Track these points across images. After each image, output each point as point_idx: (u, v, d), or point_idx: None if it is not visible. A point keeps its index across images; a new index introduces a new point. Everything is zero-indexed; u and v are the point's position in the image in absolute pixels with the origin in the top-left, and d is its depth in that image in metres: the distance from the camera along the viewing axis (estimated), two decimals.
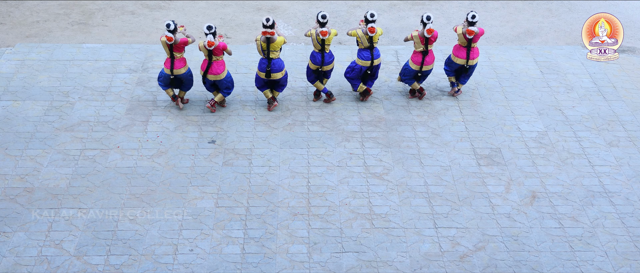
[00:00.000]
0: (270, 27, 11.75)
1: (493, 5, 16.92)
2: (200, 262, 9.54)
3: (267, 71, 12.08)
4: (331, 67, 12.48)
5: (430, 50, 12.48)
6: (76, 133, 11.90)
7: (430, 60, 12.54)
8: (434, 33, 12.21)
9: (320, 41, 12.12)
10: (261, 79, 12.34)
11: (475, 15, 12.18)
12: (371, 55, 12.32)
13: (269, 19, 11.72)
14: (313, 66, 12.44)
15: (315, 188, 10.86)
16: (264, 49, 11.91)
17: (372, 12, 12.07)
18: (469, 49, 12.46)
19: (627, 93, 13.35)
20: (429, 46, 12.38)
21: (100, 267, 9.43)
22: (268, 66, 12.03)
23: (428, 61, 12.53)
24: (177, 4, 16.66)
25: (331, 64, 12.42)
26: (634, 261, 9.72)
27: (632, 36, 15.56)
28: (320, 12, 12.04)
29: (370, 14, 12.04)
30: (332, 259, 9.64)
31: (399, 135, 12.05)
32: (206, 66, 12.05)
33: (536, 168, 11.35)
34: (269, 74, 12.13)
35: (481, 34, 12.39)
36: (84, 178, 10.92)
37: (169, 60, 12.02)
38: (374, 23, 12.09)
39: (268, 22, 11.71)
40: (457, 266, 9.59)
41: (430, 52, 12.51)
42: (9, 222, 10.08)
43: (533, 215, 10.45)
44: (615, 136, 12.14)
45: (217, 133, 12.02)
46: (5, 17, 15.90)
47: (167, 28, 11.73)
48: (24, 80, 13.30)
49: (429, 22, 12.11)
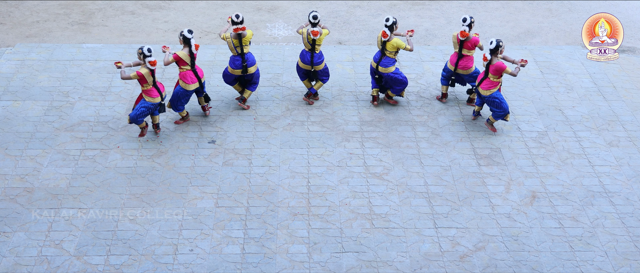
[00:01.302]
0: (240, 23, 11.79)
1: (493, 5, 16.92)
2: (200, 262, 9.54)
3: (244, 66, 12.09)
4: (321, 67, 12.43)
5: (466, 55, 12.20)
6: (76, 133, 11.90)
7: (463, 64, 12.25)
8: (471, 38, 11.98)
9: (311, 40, 12.11)
10: (233, 75, 12.31)
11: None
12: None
13: (238, 15, 11.76)
14: (302, 65, 12.42)
15: (315, 188, 10.86)
16: (237, 45, 11.93)
17: (315, 13, 12.02)
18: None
19: (627, 93, 13.35)
20: (464, 50, 12.16)
21: (100, 267, 9.43)
22: (243, 61, 12.06)
23: (460, 64, 12.27)
24: (177, 4, 16.66)
25: (321, 64, 12.38)
26: (634, 261, 9.72)
27: (632, 35, 15.56)
28: (312, 12, 12.03)
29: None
30: (332, 259, 9.64)
31: (399, 135, 12.05)
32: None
33: (536, 168, 11.35)
34: (246, 69, 12.14)
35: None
36: (84, 178, 10.92)
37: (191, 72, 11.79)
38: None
39: (238, 18, 11.75)
40: (457, 266, 9.59)
41: (465, 57, 12.24)
42: (9, 222, 10.08)
43: (533, 215, 10.45)
44: (615, 136, 12.14)
45: (217, 133, 12.02)
46: (5, 17, 15.90)
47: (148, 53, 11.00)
48: (24, 80, 13.30)
49: (464, 24, 11.95)
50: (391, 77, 12.24)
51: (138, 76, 11.04)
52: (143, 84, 11.19)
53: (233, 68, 12.16)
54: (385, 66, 12.11)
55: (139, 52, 10.97)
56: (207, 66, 13.82)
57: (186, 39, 11.45)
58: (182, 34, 11.42)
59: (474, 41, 12.09)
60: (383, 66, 12.12)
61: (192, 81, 11.67)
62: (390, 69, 12.15)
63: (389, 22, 11.83)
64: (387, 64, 12.10)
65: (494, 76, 11.51)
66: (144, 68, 11.05)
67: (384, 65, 12.11)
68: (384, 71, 12.18)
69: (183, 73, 11.64)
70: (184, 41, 11.45)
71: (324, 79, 12.63)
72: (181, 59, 11.50)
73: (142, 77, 11.08)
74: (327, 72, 12.58)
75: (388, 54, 12.04)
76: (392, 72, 12.19)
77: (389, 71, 12.17)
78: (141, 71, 10.99)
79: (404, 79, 12.33)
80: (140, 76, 11.06)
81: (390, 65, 12.11)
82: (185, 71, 11.63)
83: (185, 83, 11.65)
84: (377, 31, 15.65)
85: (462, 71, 12.38)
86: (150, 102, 11.35)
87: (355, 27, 15.85)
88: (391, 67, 12.14)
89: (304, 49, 12.31)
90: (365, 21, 16.07)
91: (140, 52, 10.95)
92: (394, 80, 12.27)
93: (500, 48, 11.40)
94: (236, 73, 12.20)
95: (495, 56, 11.46)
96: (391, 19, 11.83)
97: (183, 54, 11.46)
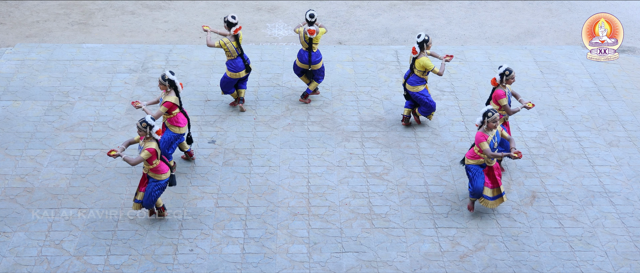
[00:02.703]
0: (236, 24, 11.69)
1: (493, 5, 16.92)
2: (200, 262, 9.54)
3: (246, 65, 11.99)
4: (318, 66, 12.42)
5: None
6: (76, 133, 11.90)
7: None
8: (495, 91, 10.62)
9: (308, 39, 12.11)
10: (234, 80, 12.11)
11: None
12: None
13: (234, 16, 11.65)
14: (300, 64, 12.42)
15: (315, 188, 10.85)
16: (237, 47, 11.80)
17: (312, 12, 11.99)
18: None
19: (627, 93, 13.35)
20: (415, 69, 11.45)
21: (100, 267, 9.42)
22: (245, 61, 11.97)
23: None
24: (177, 4, 16.66)
25: (319, 63, 12.38)
26: (634, 261, 9.71)
27: (632, 35, 15.56)
28: (308, 11, 12.03)
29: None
30: (332, 259, 9.64)
31: (399, 135, 12.04)
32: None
33: (536, 168, 11.35)
34: (249, 68, 12.05)
35: (498, 97, 10.54)
36: (84, 178, 10.92)
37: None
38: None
39: (235, 19, 11.65)
40: (457, 266, 9.59)
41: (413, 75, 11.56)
42: (9, 222, 10.08)
43: (533, 215, 10.44)
44: (615, 136, 12.14)
45: (217, 133, 12.01)
46: (5, 17, 15.90)
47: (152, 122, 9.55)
48: (24, 80, 13.30)
49: (501, 76, 10.52)
50: (417, 97, 11.65)
51: (149, 153, 9.51)
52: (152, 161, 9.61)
53: (235, 72, 11.97)
54: (412, 84, 11.54)
55: (142, 125, 9.42)
56: (207, 66, 13.82)
57: (171, 82, 10.31)
58: (165, 78, 10.27)
59: (497, 95, 10.60)
60: (410, 84, 11.55)
61: (184, 122, 10.59)
62: (418, 89, 11.55)
63: (420, 38, 11.22)
64: (414, 83, 11.51)
65: (420, 71, 11.36)
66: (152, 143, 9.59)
67: (411, 83, 11.55)
68: (410, 89, 11.59)
69: (174, 118, 10.49)
70: (170, 84, 10.30)
71: (319, 79, 12.62)
72: (174, 105, 10.37)
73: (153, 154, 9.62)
74: (323, 73, 12.58)
75: (416, 73, 11.43)
76: (419, 92, 11.58)
77: (415, 90, 11.56)
78: (152, 146, 9.49)
79: (430, 103, 11.71)
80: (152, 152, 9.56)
81: (418, 84, 11.52)
82: (176, 115, 10.49)
83: (178, 127, 10.55)
84: (378, 31, 15.65)
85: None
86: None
87: (355, 27, 15.85)
88: (419, 87, 11.54)
89: (302, 49, 12.31)
90: (365, 21, 16.06)
91: (144, 125, 9.43)
92: (420, 101, 11.70)
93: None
94: (240, 76, 12.01)
95: (423, 51, 11.24)
96: (423, 36, 11.19)
97: (174, 99, 10.31)
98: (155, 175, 9.67)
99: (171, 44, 14.76)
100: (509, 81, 10.49)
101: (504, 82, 10.48)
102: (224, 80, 12.17)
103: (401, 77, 13.61)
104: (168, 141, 10.62)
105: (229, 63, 11.93)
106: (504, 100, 10.55)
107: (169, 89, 10.37)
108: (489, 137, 9.70)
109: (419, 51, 11.32)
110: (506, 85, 10.58)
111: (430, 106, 11.80)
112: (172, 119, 10.52)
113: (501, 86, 10.56)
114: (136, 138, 9.68)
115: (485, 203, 10.14)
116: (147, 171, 9.66)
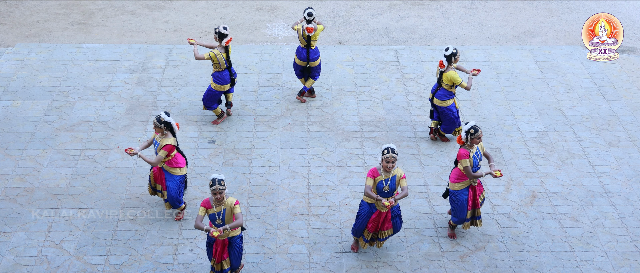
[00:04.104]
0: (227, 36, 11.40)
1: (493, 5, 16.92)
2: (200, 262, 9.54)
3: (232, 79, 11.77)
4: (316, 63, 12.43)
5: None
6: (76, 133, 11.90)
7: None
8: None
9: (306, 37, 12.13)
10: (220, 93, 11.84)
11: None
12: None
13: (226, 27, 11.37)
14: (299, 62, 12.43)
15: (315, 188, 10.85)
16: (226, 59, 11.53)
17: (310, 10, 11.96)
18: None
19: (627, 93, 13.35)
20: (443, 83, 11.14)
21: (100, 267, 9.42)
22: (231, 74, 11.74)
23: None
24: (177, 4, 16.66)
25: (317, 60, 12.39)
26: (634, 261, 9.71)
27: (632, 35, 15.56)
28: (307, 9, 12.04)
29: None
30: (332, 259, 9.64)
31: (399, 135, 12.04)
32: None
33: (536, 168, 11.35)
34: (234, 81, 11.83)
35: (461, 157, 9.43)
36: (84, 178, 10.92)
37: None
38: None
39: (226, 30, 11.37)
40: (457, 266, 9.59)
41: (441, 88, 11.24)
42: (9, 222, 10.08)
43: (533, 215, 10.44)
44: (615, 136, 12.14)
45: (217, 133, 12.02)
46: (5, 17, 15.90)
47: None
48: (24, 80, 13.30)
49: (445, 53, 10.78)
50: (443, 112, 11.41)
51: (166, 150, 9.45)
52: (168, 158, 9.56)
53: (221, 84, 11.68)
54: (440, 98, 11.29)
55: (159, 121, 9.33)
56: (207, 66, 13.82)
57: (168, 125, 9.59)
58: (161, 121, 9.51)
59: (459, 155, 9.42)
60: (438, 98, 11.30)
61: (183, 162, 9.94)
62: (446, 103, 11.31)
63: (448, 52, 10.98)
64: (443, 97, 11.27)
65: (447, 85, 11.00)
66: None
67: (439, 97, 11.30)
68: (439, 104, 11.36)
69: (173, 159, 9.81)
70: (166, 127, 9.58)
71: (316, 76, 12.64)
72: (173, 147, 9.69)
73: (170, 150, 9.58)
74: (319, 70, 12.59)
75: (444, 86, 11.21)
76: (447, 106, 11.34)
77: (444, 105, 11.33)
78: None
79: (455, 119, 11.46)
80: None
81: (446, 98, 11.27)
82: (175, 156, 9.83)
83: (179, 168, 9.85)
84: (378, 31, 15.66)
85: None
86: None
87: (355, 27, 15.85)
88: (448, 101, 11.30)
89: (300, 46, 12.34)
90: (365, 21, 16.07)
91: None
92: (445, 115, 11.43)
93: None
94: (224, 89, 11.74)
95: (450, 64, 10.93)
96: (451, 49, 10.91)
97: (173, 141, 9.67)
98: (171, 169, 9.41)
99: (171, 44, 14.76)
100: (474, 141, 9.31)
101: (468, 141, 9.33)
102: (207, 93, 11.80)
103: (401, 77, 13.62)
104: (177, 189, 9.88)
105: (216, 75, 11.64)
106: (466, 161, 9.29)
107: (165, 132, 9.52)
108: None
109: (447, 64, 11.05)
110: (473, 144, 9.39)
111: (454, 123, 11.50)
112: (170, 161, 9.78)
113: (466, 146, 9.41)
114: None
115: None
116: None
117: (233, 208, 8.39)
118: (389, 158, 8.77)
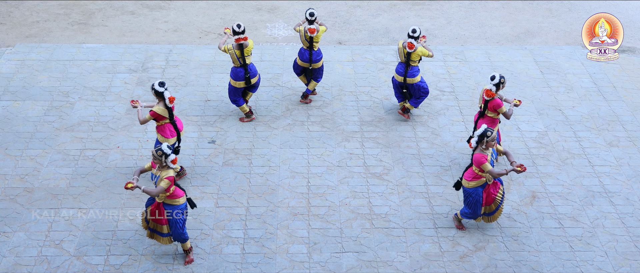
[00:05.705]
0: (242, 33, 11.47)
1: (493, 5, 16.92)
2: (200, 262, 9.54)
3: (246, 78, 11.78)
4: (319, 65, 12.42)
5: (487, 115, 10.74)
6: (76, 133, 11.90)
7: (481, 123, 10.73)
8: (493, 100, 10.54)
9: (308, 38, 12.11)
10: (239, 89, 11.95)
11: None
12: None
13: (240, 25, 11.45)
14: (301, 63, 12.42)
15: (315, 188, 10.85)
16: (239, 56, 11.58)
17: (312, 10, 11.96)
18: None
19: (627, 93, 13.35)
20: (487, 111, 10.69)
21: (100, 267, 9.42)
22: (246, 73, 11.74)
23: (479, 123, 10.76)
24: (177, 4, 16.66)
25: (319, 62, 12.38)
26: (634, 261, 9.71)
27: (632, 36, 15.56)
28: (308, 10, 12.04)
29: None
30: (332, 259, 9.64)
31: (399, 135, 12.04)
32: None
33: (536, 168, 11.35)
34: (249, 81, 11.83)
35: (499, 106, 10.47)
36: (84, 178, 10.92)
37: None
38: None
39: (240, 28, 11.44)
40: (457, 266, 9.59)
41: (485, 117, 10.78)
42: (9, 222, 10.08)
43: (533, 215, 10.44)
44: (615, 136, 12.14)
45: (217, 133, 12.02)
46: (5, 17, 15.90)
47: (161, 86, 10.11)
48: (24, 80, 13.30)
49: (492, 83, 10.48)
50: (419, 87, 11.93)
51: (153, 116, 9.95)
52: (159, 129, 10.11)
53: (235, 80, 11.84)
54: (412, 76, 11.81)
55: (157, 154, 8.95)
56: (207, 66, 13.82)
57: (158, 93, 10.06)
58: (153, 88, 10.03)
59: (497, 104, 10.54)
60: (410, 76, 11.81)
61: (172, 134, 10.35)
62: (417, 79, 11.86)
63: (416, 34, 11.49)
64: (415, 74, 11.81)
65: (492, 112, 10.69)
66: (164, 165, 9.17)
67: (411, 75, 11.81)
68: (412, 81, 11.87)
69: (161, 127, 10.32)
70: (156, 94, 10.07)
71: (318, 78, 12.63)
72: (159, 115, 10.17)
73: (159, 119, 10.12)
74: (322, 72, 12.58)
75: (412, 63, 11.75)
76: (419, 81, 11.90)
77: (416, 81, 11.87)
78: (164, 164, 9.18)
79: (427, 88, 12.01)
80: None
81: (417, 74, 11.84)
82: (164, 125, 10.33)
83: (164, 137, 10.33)
84: (378, 31, 15.65)
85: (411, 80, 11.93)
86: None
87: (355, 27, 15.85)
88: (418, 76, 11.86)
89: (302, 47, 12.32)
90: (365, 21, 16.07)
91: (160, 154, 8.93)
92: (421, 88, 11.95)
93: (503, 84, 10.56)
94: (240, 85, 11.87)
95: (497, 91, 10.62)
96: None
97: (160, 109, 10.09)
98: (172, 201, 9.15)
99: (171, 44, 14.76)
100: (490, 144, 9.60)
101: (484, 145, 9.57)
102: (229, 88, 12.03)
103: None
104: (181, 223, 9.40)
105: (232, 70, 11.81)
106: (504, 107, 10.48)
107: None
108: (488, 156, 9.51)
109: (416, 44, 11.51)
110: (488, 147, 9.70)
111: (427, 91, 12.04)
112: (159, 128, 10.33)
113: (498, 95, 10.53)
114: (147, 165, 9.26)
115: (487, 219, 10.03)
116: (162, 200, 9.13)
117: (162, 179, 8.92)
118: (494, 137, 9.46)
